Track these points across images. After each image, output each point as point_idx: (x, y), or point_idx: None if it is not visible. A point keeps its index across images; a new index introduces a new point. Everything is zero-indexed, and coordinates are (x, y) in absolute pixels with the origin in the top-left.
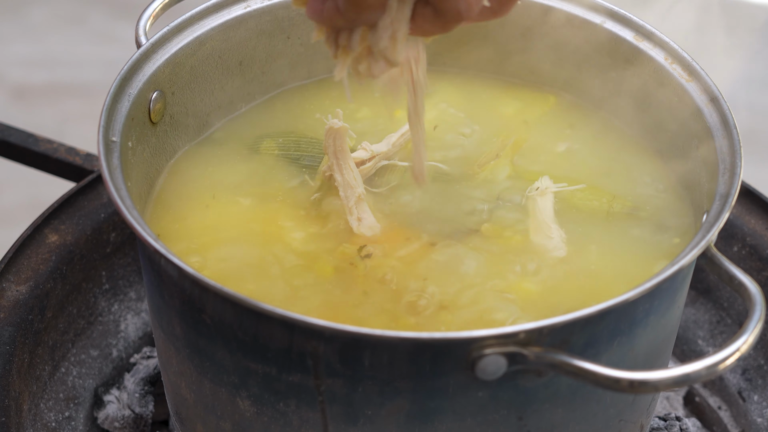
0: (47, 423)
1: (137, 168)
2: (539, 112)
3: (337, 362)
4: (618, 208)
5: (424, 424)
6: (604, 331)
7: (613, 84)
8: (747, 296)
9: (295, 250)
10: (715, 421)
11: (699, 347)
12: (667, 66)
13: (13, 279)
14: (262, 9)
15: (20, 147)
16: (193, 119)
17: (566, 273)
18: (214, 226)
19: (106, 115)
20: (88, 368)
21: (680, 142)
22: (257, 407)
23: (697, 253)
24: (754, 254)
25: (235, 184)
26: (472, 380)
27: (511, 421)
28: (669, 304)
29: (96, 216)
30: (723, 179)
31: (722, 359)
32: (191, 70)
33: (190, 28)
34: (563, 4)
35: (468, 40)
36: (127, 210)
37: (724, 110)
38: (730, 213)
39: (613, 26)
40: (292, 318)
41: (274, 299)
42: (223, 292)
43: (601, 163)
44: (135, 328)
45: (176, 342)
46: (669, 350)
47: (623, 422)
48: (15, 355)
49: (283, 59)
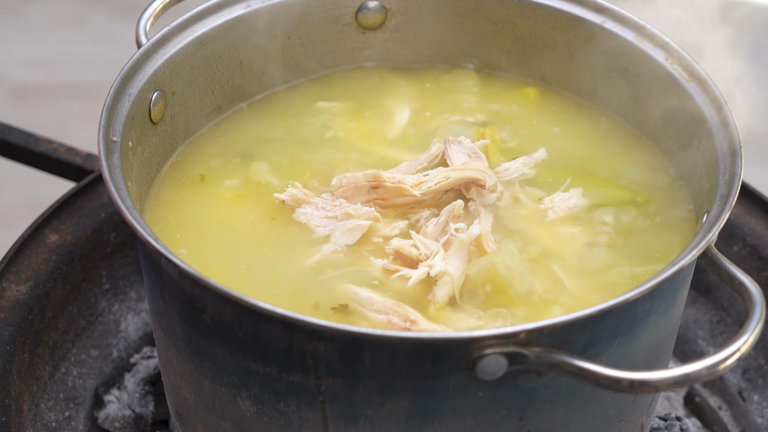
0: (47, 423)
1: (138, 168)
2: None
3: (338, 362)
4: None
5: (425, 423)
6: (605, 331)
7: (613, 84)
8: (747, 296)
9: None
10: (715, 421)
11: (699, 347)
12: (668, 66)
13: (14, 279)
14: (262, 9)
15: (20, 147)
16: (194, 119)
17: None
18: (214, 225)
19: (106, 114)
20: (88, 368)
21: (680, 142)
22: (257, 407)
23: (697, 253)
24: (754, 254)
25: (234, 183)
26: (473, 380)
27: (511, 421)
28: (669, 304)
29: (96, 216)
30: (723, 179)
31: (722, 359)
32: (191, 70)
33: (190, 28)
34: (564, 4)
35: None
36: (127, 210)
37: (725, 110)
38: (731, 213)
39: (614, 26)
40: (293, 318)
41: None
42: (224, 292)
43: (602, 163)
44: (135, 328)
45: (176, 342)
46: (669, 350)
47: (623, 422)
48: (15, 355)
49: (283, 59)
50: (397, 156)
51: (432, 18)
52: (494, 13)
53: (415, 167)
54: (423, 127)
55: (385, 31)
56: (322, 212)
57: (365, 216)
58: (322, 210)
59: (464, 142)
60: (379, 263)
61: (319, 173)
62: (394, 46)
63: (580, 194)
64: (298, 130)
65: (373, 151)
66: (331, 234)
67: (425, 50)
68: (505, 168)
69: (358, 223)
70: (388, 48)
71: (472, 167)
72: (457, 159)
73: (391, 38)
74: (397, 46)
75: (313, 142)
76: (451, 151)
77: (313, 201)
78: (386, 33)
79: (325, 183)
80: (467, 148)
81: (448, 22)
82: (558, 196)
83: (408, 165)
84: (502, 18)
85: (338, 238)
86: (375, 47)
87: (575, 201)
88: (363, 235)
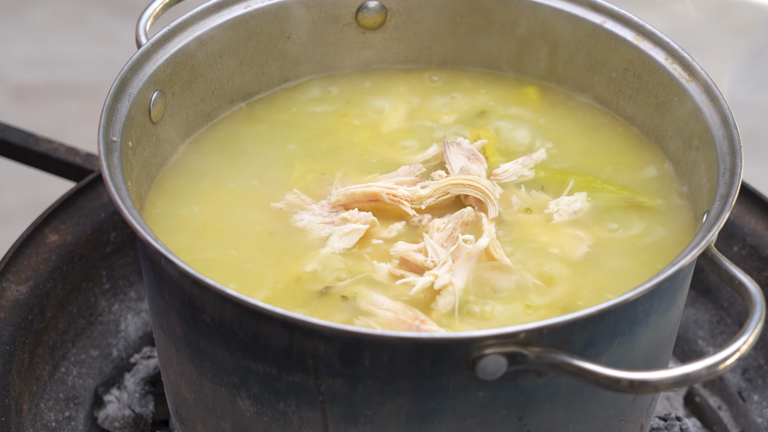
0: (47, 423)
1: (137, 167)
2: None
3: (338, 362)
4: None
5: (424, 423)
6: (605, 331)
7: (612, 84)
8: (747, 296)
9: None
10: (715, 421)
11: (699, 347)
12: (667, 66)
13: (13, 279)
14: (262, 9)
15: (20, 147)
16: (193, 119)
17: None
18: (213, 224)
19: (106, 114)
20: (88, 368)
21: (680, 141)
22: (257, 407)
23: (697, 253)
24: (754, 254)
25: (234, 184)
26: (473, 380)
27: (511, 421)
28: (669, 304)
29: (96, 216)
30: (723, 179)
31: (722, 359)
32: (191, 70)
33: (190, 28)
34: (564, 4)
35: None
36: (127, 210)
37: (724, 110)
38: (730, 213)
39: (613, 26)
40: (293, 318)
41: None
42: (224, 292)
43: (602, 163)
44: (135, 328)
45: (176, 342)
46: (669, 350)
47: (623, 422)
48: (15, 355)
49: (283, 59)
50: (396, 157)
51: (432, 18)
52: (494, 12)
53: (414, 172)
54: (422, 128)
55: (385, 31)
56: (319, 218)
57: (362, 220)
58: (319, 216)
59: (463, 143)
60: (384, 268)
61: (318, 175)
62: (394, 45)
63: (584, 197)
64: (298, 130)
65: (373, 152)
66: (328, 237)
67: (425, 50)
68: (504, 170)
69: (355, 227)
70: (388, 48)
71: (472, 184)
72: (455, 161)
73: (391, 38)
74: (396, 46)
75: (313, 143)
76: (450, 153)
77: (310, 207)
78: (386, 33)
79: (324, 184)
80: (466, 150)
81: (448, 22)
82: (563, 200)
83: (407, 169)
84: (502, 18)
85: (336, 242)
86: (375, 47)
87: (580, 204)
88: (362, 237)
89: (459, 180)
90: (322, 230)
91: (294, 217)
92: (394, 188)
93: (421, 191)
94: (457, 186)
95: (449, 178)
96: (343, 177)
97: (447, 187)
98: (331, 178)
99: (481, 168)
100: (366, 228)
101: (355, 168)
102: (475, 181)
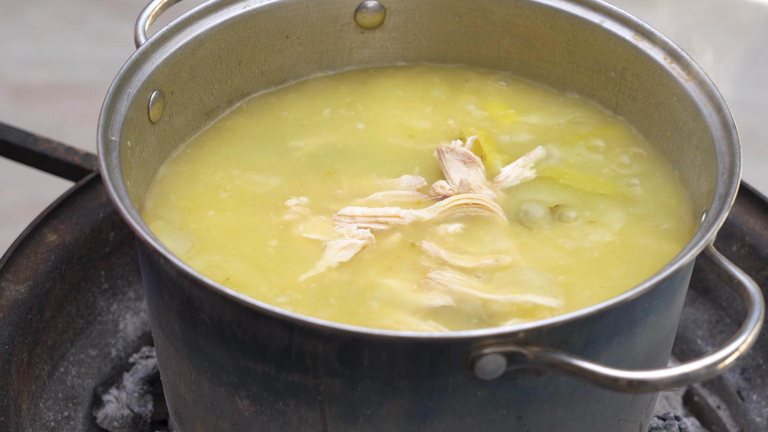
0: (46, 422)
1: (136, 167)
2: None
3: (336, 361)
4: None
5: (423, 423)
6: (604, 330)
7: (612, 83)
8: (746, 296)
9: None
10: (714, 421)
11: (698, 347)
12: (667, 66)
13: (12, 278)
14: (261, 9)
15: (19, 146)
16: (192, 119)
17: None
18: (213, 226)
19: (105, 114)
20: (87, 368)
21: (679, 141)
22: (256, 407)
23: (696, 253)
24: (753, 254)
25: (234, 184)
26: (471, 380)
27: (510, 420)
28: (668, 304)
29: (95, 215)
30: (722, 179)
31: (721, 359)
32: (190, 70)
33: (189, 28)
34: (563, 3)
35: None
36: (126, 209)
37: (724, 110)
38: (729, 213)
39: (612, 26)
40: (292, 317)
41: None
42: (223, 292)
43: (602, 163)
44: (134, 328)
45: (175, 341)
46: (668, 350)
47: (622, 422)
48: (14, 355)
49: (282, 59)
50: (396, 157)
51: (430, 18)
52: (493, 12)
53: (415, 185)
54: (422, 128)
55: (383, 30)
56: (318, 229)
57: (359, 236)
58: (318, 226)
59: (457, 148)
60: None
61: (318, 175)
62: (393, 45)
63: (585, 199)
64: (298, 130)
65: (373, 152)
66: (325, 250)
67: (424, 50)
68: (506, 176)
69: (352, 242)
70: (387, 47)
71: (477, 202)
72: (453, 170)
73: (389, 38)
74: (395, 46)
75: (313, 143)
76: (447, 162)
77: (311, 220)
78: (385, 32)
79: (324, 185)
80: (461, 155)
81: (447, 21)
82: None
83: (409, 180)
84: (501, 18)
85: (332, 255)
86: (374, 47)
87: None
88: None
89: (463, 200)
90: (324, 240)
91: (293, 223)
92: (397, 215)
93: (426, 216)
94: (461, 207)
95: (452, 199)
96: (344, 178)
97: (452, 209)
98: (331, 178)
99: (479, 171)
100: (363, 243)
101: (354, 169)
102: (480, 199)
